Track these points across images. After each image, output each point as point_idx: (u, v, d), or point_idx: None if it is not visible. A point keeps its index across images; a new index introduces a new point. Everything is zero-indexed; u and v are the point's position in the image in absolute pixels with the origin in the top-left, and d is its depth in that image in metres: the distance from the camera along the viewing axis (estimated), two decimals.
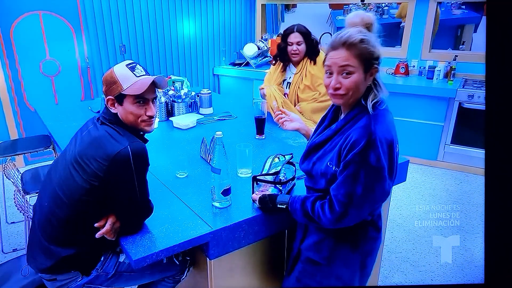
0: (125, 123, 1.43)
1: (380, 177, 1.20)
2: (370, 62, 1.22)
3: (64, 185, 1.39)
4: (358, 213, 1.25)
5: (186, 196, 1.63)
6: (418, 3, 4.19)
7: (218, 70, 5.23)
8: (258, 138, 2.30)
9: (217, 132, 1.49)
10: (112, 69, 1.42)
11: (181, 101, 2.72)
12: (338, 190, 1.24)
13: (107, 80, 1.41)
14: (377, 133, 1.18)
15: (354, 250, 1.37)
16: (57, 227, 1.40)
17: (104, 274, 1.50)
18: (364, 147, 1.17)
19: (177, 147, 2.21)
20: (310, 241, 1.43)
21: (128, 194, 1.36)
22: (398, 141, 1.29)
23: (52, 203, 1.41)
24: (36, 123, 3.42)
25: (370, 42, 1.21)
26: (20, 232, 2.99)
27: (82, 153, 1.37)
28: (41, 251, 1.44)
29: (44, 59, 3.99)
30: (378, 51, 1.23)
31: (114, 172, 1.32)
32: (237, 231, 1.45)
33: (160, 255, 1.31)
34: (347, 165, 1.21)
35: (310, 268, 1.44)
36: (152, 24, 4.51)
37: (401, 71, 4.28)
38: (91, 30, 4.11)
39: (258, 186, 1.55)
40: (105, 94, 1.43)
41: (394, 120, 1.32)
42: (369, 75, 1.24)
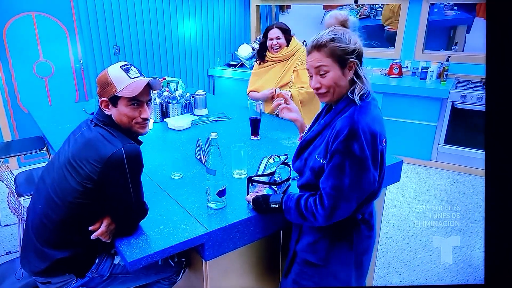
0: (119, 125, 1.42)
1: (365, 167, 1.22)
2: (343, 58, 1.25)
3: (57, 187, 1.38)
4: (347, 205, 1.27)
5: (181, 197, 1.63)
6: (411, 4, 4.23)
7: (213, 71, 5.23)
8: (253, 139, 2.30)
9: (212, 133, 1.49)
10: (106, 70, 1.41)
11: (176, 102, 2.72)
12: (326, 183, 1.26)
13: (101, 82, 1.40)
14: (360, 122, 1.21)
15: (349, 249, 1.38)
16: (51, 230, 1.39)
17: (99, 276, 1.49)
18: (346, 136, 1.20)
19: (172, 148, 2.21)
20: (305, 242, 1.43)
21: (123, 196, 1.35)
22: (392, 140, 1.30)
23: (45, 206, 1.41)
24: (29, 125, 3.41)
25: (341, 39, 1.25)
26: (14, 235, 2.97)
27: (75, 155, 1.36)
28: (35, 254, 1.43)
29: (37, 60, 3.96)
30: (354, 45, 1.26)
31: (108, 174, 1.32)
32: (233, 232, 1.45)
33: (155, 257, 1.31)
34: (332, 156, 1.24)
35: (307, 269, 1.44)
36: (147, 25, 4.50)
37: (395, 72, 4.31)
38: (85, 31, 4.09)
39: (253, 187, 1.56)
40: (99, 96, 1.42)
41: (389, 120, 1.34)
42: (347, 70, 1.27)
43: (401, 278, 2.50)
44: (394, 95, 4.01)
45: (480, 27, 4.22)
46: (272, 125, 2.52)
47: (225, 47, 5.35)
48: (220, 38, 5.25)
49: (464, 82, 4.04)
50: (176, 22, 4.73)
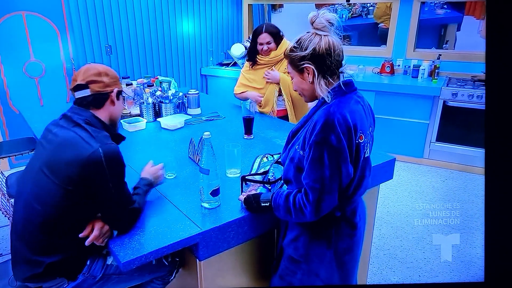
0: (111, 120, 1.43)
1: (343, 157, 1.24)
2: (297, 64, 1.32)
3: (36, 193, 1.35)
4: (330, 197, 1.28)
5: (175, 197, 1.62)
6: (402, 3, 4.25)
7: (205, 71, 5.22)
8: (246, 138, 2.30)
9: (205, 133, 1.49)
10: (106, 66, 1.45)
11: (169, 102, 2.71)
12: (308, 177, 1.28)
13: (111, 74, 1.44)
14: (336, 114, 1.24)
15: (328, 247, 1.38)
16: (37, 236, 1.36)
17: (91, 278, 1.47)
18: (323, 127, 1.23)
19: (165, 148, 2.20)
20: (289, 238, 1.45)
21: (106, 196, 1.33)
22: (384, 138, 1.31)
23: (27, 213, 1.37)
24: (20, 126, 3.37)
25: (297, 48, 1.31)
26: (5, 237, 2.94)
27: (51, 158, 1.33)
28: (24, 262, 1.40)
29: (28, 60, 3.92)
30: (307, 50, 1.28)
31: (87, 176, 1.29)
32: (227, 232, 1.45)
33: (149, 257, 1.30)
34: (311, 148, 1.26)
35: (290, 265, 1.46)
36: (139, 25, 4.48)
37: (387, 70, 4.33)
38: (76, 30, 4.06)
39: (247, 186, 1.56)
40: (107, 86, 1.43)
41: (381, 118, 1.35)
42: (306, 75, 1.32)
43: (395, 275, 2.51)
44: (386, 93, 4.04)
45: (469, 25, 4.26)
46: (265, 124, 2.52)
47: (218, 46, 5.34)
48: (212, 37, 5.24)
49: (455, 80, 4.08)
50: (168, 22, 4.71)
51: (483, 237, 1.35)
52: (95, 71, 1.42)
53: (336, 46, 1.29)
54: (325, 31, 1.29)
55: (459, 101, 3.80)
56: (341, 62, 1.32)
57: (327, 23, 1.29)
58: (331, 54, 1.28)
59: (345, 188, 1.31)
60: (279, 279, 1.51)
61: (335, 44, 1.29)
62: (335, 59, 1.29)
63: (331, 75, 1.31)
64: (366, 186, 1.40)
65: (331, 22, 1.29)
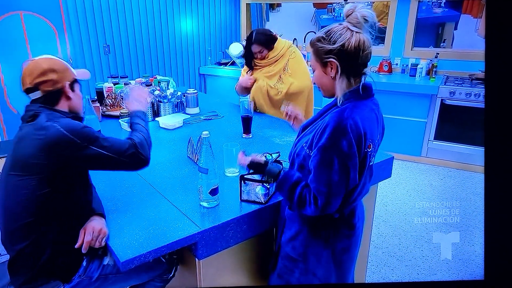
0: (73, 111, 1.40)
1: (352, 163, 1.21)
2: (322, 57, 1.25)
3: (9, 195, 1.31)
4: (337, 201, 1.26)
5: (174, 197, 1.62)
6: (399, 2, 4.26)
7: (204, 70, 5.22)
8: (245, 137, 2.31)
9: (203, 132, 1.49)
10: (48, 58, 1.41)
11: (167, 101, 2.71)
12: (318, 182, 1.24)
13: (57, 66, 1.37)
14: (349, 120, 1.19)
15: (326, 246, 1.38)
16: (21, 240, 1.32)
17: (87, 279, 1.46)
18: (334, 131, 1.19)
19: (163, 147, 2.20)
20: (287, 235, 1.45)
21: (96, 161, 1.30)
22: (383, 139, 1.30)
23: (5, 218, 1.35)
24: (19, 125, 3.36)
25: (325, 39, 1.23)
26: None
27: (14, 159, 1.30)
28: (16, 267, 1.37)
29: (26, 60, 3.91)
30: (335, 45, 1.21)
31: (59, 154, 1.24)
32: (226, 231, 1.46)
33: (148, 256, 1.30)
34: (319, 151, 1.23)
35: (289, 264, 1.45)
36: (137, 24, 4.47)
37: (385, 69, 4.34)
38: (74, 30, 4.05)
39: (245, 185, 1.56)
40: (57, 83, 1.36)
41: None
42: (329, 70, 1.25)
43: (394, 274, 2.52)
44: (384, 92, 4.05)
45: (466, 24, 4.27)
46: (264, 123, 2.52)
47: (216, 45, 5.33)
48: (211, 36, 5.23)
49: (452, 78, 4.09)
50: (166, 21, 4.71)
51: (482, 235, 1.35)
52: (40, 71, 1.37)
53: (367, 46, 1.22)
54: (359, 27, 1.21)
55: (457, 99, 3.81)
56: (366, 64, 1.26)
57: (362, 19, 1.20)
58: (359, 54, 1.21)
59: (348, 193, 1.29)
60: (277, 277, 1.51)
61: (365, 44, 1.21)
62: (362, 60, 1.23)
63: (354, 76, 1.25)
64: (367, 191, 1.40)
65: (367, 19, 1.21)
